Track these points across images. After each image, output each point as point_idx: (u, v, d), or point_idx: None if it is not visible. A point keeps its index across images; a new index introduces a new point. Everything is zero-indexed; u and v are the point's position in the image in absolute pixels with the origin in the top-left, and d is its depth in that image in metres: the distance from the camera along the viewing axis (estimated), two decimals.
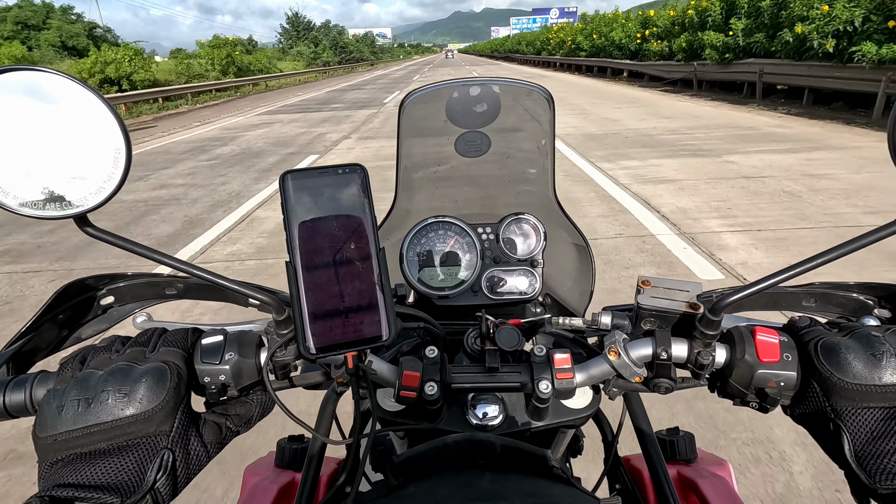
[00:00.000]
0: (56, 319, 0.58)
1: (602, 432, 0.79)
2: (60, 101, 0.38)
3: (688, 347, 0.49)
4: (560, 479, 0.42)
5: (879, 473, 0.39)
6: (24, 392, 0.45)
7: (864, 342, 0.43)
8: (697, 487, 0.70)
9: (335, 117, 11.89)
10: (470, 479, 0.41)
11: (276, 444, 0.83)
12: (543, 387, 0.48)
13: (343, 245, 0.39)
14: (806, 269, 0.42)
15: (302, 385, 0.55)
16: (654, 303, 0.51)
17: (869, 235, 0.40)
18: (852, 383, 0.41)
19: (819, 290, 0.64)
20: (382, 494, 0.42)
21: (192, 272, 0.45)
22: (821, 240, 3.52)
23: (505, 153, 0.74)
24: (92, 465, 0.38)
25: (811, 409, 0.45)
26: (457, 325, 0.64)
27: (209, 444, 0.45)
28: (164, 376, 0.42)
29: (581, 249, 0.78)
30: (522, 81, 0.72)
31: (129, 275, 0.65)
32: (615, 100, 12.95)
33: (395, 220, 0.77)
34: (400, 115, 0.71)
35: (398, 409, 0.53)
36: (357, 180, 0.39)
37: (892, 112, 0.37)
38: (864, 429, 0.41)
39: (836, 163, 5.56)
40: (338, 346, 0.38)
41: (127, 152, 0.40)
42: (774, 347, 0.46)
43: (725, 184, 4.97)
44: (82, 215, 0.41)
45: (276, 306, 0.47)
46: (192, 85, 20.50)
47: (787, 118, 8.97)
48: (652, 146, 6.90)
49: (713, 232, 3.79)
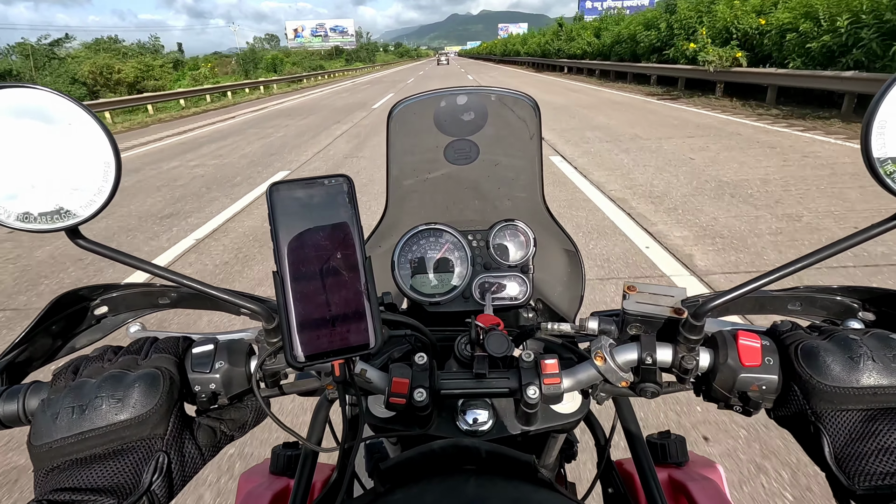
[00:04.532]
0: (49, 330, 0.58)
1: (595, 437, 0.80)
2: (49, 117, 0.39)
3: (672, 352, 0.50)
4: (544, 483, 0.42)
5: (858, 475, 0.40)
6: (18, 402, 0.46)
7: (842, 345, 0.44)
8: (688, 490, 0.70)
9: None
10: (456, 484, 0.42)
11: (271, 450, 0.84)
12: (531, 392, 0.49)
13: (330, 254, 0.39)
14: (788, 272, 0.43)
15: (293, 392, 0.55)
16: (639, 308, 0.52)
17: (851, 238, 0.41)
18: (831, 386, 0.42)
19: (804, 293, 0.65)
20: (370, 500, 0.42)
21: (183, 282, 0.45)
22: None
23: (493, 160, 0.75)
24: (88, 470, 0.39)
25: (792, 411, 0.46)
26: (448, 332, 0.64)
27: (204, 447, 0.46)
28: (156, 381, 0.43)
29: (571, 255, 0.79)
30: (508, 90, 0.73)
31: (122, 285, 0.66)
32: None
33: (387, 227, 0.78)
34: (389, 124, 0.72)
35: (389, 415, 0.54)
36: (343, 190, 0.40)
37: (863, 123, 0.38)
38: (842, 431, 0.42)
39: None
40: (325, 354, 0.39)
41: (116, 165, 0.41)
42: (756, 351, 0.47)
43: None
44: (74, 228, 0.42)
45: (265, 315, 0.47)
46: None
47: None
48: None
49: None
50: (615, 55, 20.33)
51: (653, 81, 16.50)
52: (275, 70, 43.93)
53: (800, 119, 8.51)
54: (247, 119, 13.65)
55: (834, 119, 8.22)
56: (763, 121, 8.52)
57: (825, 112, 8.88)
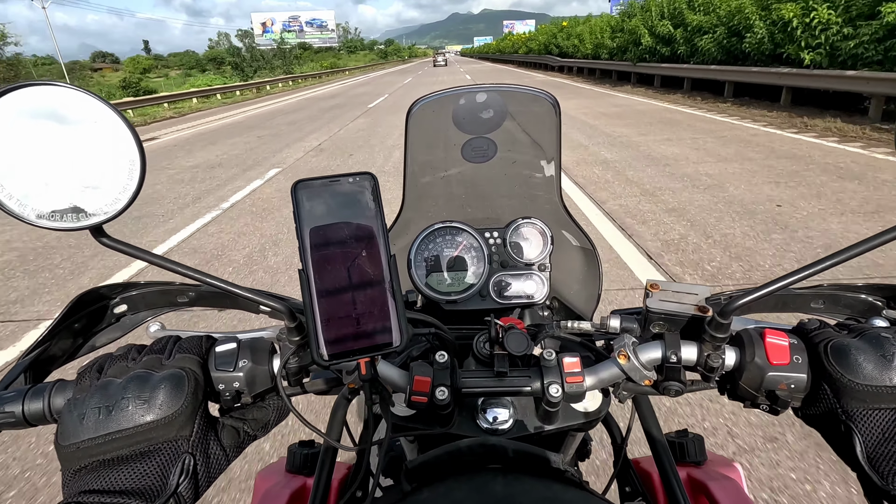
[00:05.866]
0: (71, 328, 0.59)
1: (611, 435, 0.79)
2: (75, 115, 0.39)
3: (697, 350, 0.49)
4: (573, 482, 0.42)
5: (892, 475, 0.39)
6: (43, 401, 0.46)
7: (874, 343, 0.43)
8: (708, 489, 0.70)
9: None
10: (483, 482, 0.41)
11: (287, 449, 0.84)
12: (554, 390, 0.49)
13: (354, 252, 0.39)
14: (816, 270, 0.42)
15: (313, 391, 0.55)
16: (662, 306, 0.51)
17: (880, 237, 0.40)
18: (863, 384, 0.41)
19: (828, 291, 0.64)
20: (397, 500, 0.42)
21: (204, 280, 0.45)
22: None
23: (511, 158, 0.75)
24: (115, 471, 0.39)
25: (822, 410, 0.45)
26: (465, 330, 0.64)
27: (228, 447, 0.46)
28: (181, 382, 0.43)
29: (588, 253, 0.78)
30: (528, 87, 0.72)
31: (141, 283, 0.66)
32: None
33: (403, 225, 0.78)
34: (407, 122, 0.72)
35: (409, 413, 0.54)
36: (367, 187, 0.40)
37: None
38: (875, 430, 0.41)
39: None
40: (350, 353, 0.39)
41: (141, 164, 0.41)
42: (784, 350, 0.46)
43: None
44: (98, 226, 0.42)
45: (287, 313, 0.47)
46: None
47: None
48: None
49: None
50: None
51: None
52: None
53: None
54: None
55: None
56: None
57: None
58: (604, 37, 21.05)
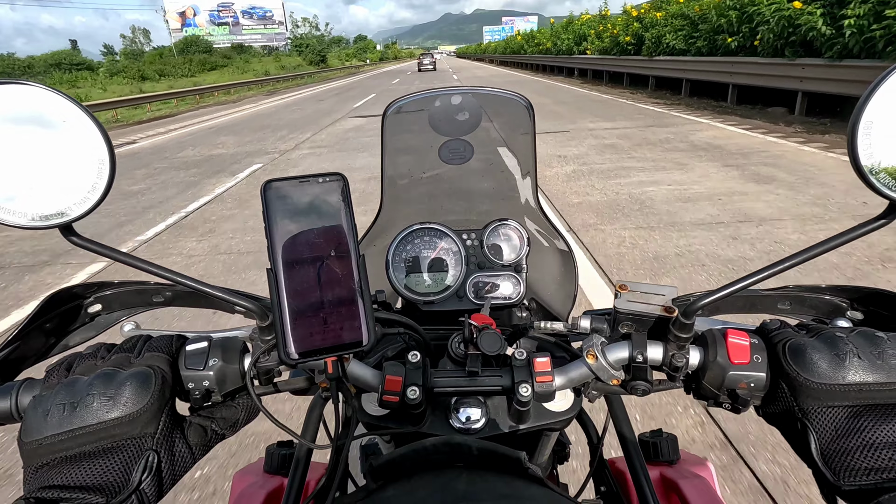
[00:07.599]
0: (43, 328, 0.58)
1: (587, 435, 0.80)
2: (44, 113, 0.39)
3: (663, 350, 0.50)
4: (535, 479, 0.43)
5: (843, 470, 0.40)
6: (10, 399, 0.46)
7: (829, 343, 0.44)
8: (679, 488, 0.71)
9: None
10: (447, 480, 0.42)
11: (265, 449, 0.84)
12: (523, 390, 0.49)
13: (324, 252, 0.40)
14: (777, 271, 0.44)
15: (287, 390, 0.55)
16: (630, 307, 0.52)
17: (839, 237, 0.41)
18: (817, 382, 0.43)
19: (794, 292, 0.65)
20: (362, 497, 0.43)
21: (177, 280, 0.45)
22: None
23: (488, 160, 0.76)
24: (77, 467, 0.39)
25: (780, 409, 0.46)
26: (442, 331, 0.65)
27: (194, 446, 0.46)
28: (148, 380, 0.43)
29: (564, 255, 0.79)
30: (502, 90, 0.74)
31: (116, 283, 0.66)
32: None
33: (381, 226, 0.78)
34: (383, 124, 0.72)
35: (382, 413, 0.54)
36: (337, 188, 0.40)
37: (849, 123, 0.39)
38: (829, 427, 0.42)
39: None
40: (318, 352, 0.39)
41: (111, 163, 0.41)
42: (745, 349, 0.48)
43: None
44: (67, 224, 0.42)
45: (259, 312, 0.47)
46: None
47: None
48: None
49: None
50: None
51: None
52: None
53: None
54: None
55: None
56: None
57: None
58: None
